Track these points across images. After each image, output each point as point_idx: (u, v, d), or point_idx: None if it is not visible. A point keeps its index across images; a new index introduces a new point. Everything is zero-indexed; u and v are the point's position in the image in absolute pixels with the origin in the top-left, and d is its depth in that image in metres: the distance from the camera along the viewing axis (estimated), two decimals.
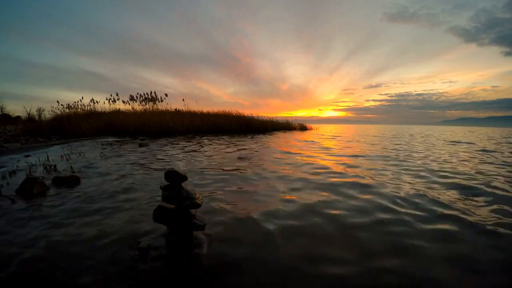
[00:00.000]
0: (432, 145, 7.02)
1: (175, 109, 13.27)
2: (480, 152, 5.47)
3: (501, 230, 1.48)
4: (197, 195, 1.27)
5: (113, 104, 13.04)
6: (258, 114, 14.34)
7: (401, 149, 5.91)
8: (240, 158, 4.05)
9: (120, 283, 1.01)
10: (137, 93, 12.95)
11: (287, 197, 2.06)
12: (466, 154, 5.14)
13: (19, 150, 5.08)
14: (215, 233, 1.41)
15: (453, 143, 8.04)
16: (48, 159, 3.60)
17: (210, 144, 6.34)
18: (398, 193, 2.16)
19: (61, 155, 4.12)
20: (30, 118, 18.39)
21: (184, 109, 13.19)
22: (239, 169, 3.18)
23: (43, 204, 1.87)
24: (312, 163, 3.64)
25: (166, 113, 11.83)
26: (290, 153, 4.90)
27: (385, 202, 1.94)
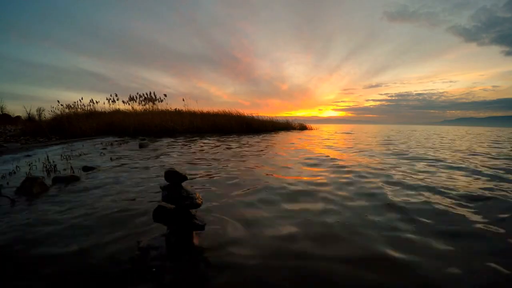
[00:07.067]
0: None
1: (175, 109, 13.28)
2: None
3: None
4: (197, 195, 1.27)
5: (113, 104, 13.05)
6: (258, 114, 14.33)
7: None
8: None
9: (119, 283, 1.01)
10: (137, 93, 12.97)
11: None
12: None
13: (19, 150, 5.08)
14: (214, 232, 1.41)
15: None
16: (48, 159, 3.59)
17: (209, 144, 6.34)
18: None
19: (61, 155, 4.12)
20: (30, 118, 18.39)
21: (184, 109, 13.19)
22: (239, 171, 3.18)
23: (43, 204, 1.87)
24: None
25: (166, 113, 11.83)
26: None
27: None
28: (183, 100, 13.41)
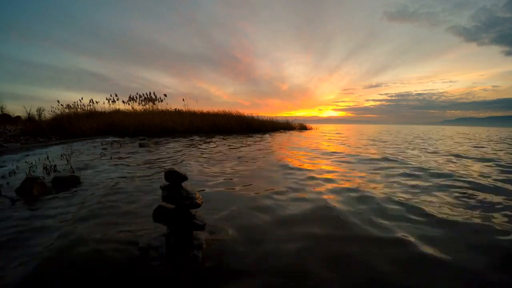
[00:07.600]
0: None
1: (175, 109, 13.27)
2: None
3: None
4: (197, 195, 1.27)
5: (113, 104, 13.05)
6: (258, 114, 14.32)
7: None
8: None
9: (119, 283, 1.01)
10: (137, 93, 12.97)
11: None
12: None
13: (19, 150, 5.08)
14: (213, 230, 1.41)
15: None
16: (48, 159, 3.60)
17: (209, 144, 6.34)
18: None
19: (61, 155, 4.12)
20: (30, 118, 18.38)
21: (184, 109, 13.19)
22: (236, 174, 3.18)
23: (43, 204, 1.87)
24: None
25: (166, 113, 11.82)
26: None
27: None
28: (183, 100, 13.41)
